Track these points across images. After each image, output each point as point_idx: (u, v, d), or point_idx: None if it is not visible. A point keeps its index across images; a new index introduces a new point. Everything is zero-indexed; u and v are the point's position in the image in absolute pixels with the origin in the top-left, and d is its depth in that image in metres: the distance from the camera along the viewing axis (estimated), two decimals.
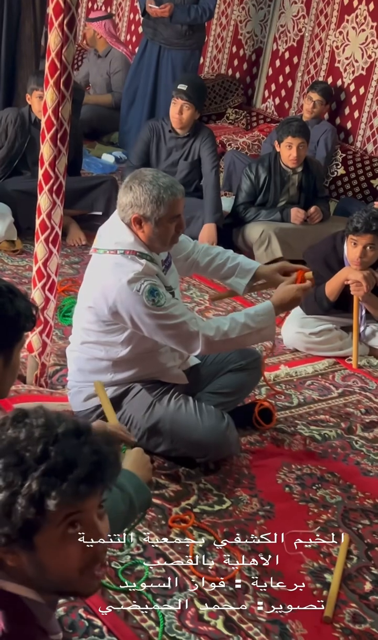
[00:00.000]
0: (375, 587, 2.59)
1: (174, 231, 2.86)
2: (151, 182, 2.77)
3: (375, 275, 3.92)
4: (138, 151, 5.39)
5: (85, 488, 1.32)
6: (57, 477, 1.30)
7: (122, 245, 2.81)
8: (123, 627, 2.26)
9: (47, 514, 1.30)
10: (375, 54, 6.40)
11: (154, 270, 2.81)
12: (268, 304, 2.96)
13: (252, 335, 2.91)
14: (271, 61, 7.22)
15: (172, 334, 2.80)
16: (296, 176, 5.26)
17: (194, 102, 5.09)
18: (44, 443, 1.32)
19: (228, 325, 2.85)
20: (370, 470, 3.21)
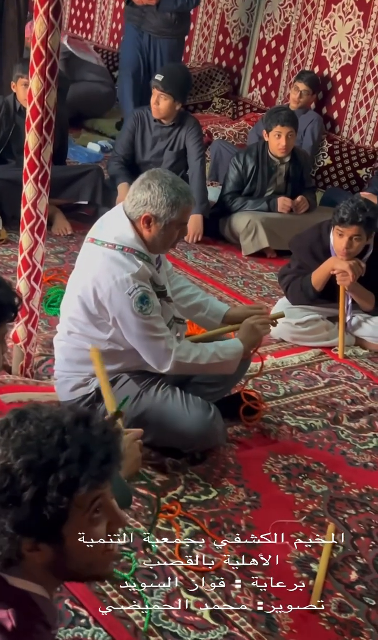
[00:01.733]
0: (360, 576, 2.60)
1: (176, 237, 2.87)
2: (171, 185, 2.78)
3: (361, 265, 3.92)
4: (124, 141, 5.36)
5: (107, 468, 1.36)
6: (81, 462, 1.33)
7: (121, 241, 2.79)
8: (109, 617, 2.26)
9: (78, 501, 1.34)
10: (361, 43, 6.39)
11: (149, 273, 2.81)
12: (237, 342, 3.02)
13: (218, 365, 2.96)
14: (257, 50, 7.20)
15: (148, 345, 2.82)
16: (284, 166, 5.25)
17: (172, 92, 5.05)
18: (58, 434, 1.34)
19: (200, 352, 2.90)
20: (355, 460, 3.22)
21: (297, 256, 4.17)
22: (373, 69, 6.34)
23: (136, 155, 5.35)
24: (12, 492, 1.31)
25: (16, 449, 1.33)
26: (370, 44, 6.33)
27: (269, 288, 4.75)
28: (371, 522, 2.86)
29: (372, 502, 2.97)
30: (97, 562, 1.40)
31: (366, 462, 3.21)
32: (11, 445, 1.33)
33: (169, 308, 2.97)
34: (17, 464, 1.31)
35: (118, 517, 1.42)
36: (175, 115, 5.20)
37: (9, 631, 1.29)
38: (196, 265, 4.91)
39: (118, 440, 1.42)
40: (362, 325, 4.15)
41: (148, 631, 2.24)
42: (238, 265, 5.03)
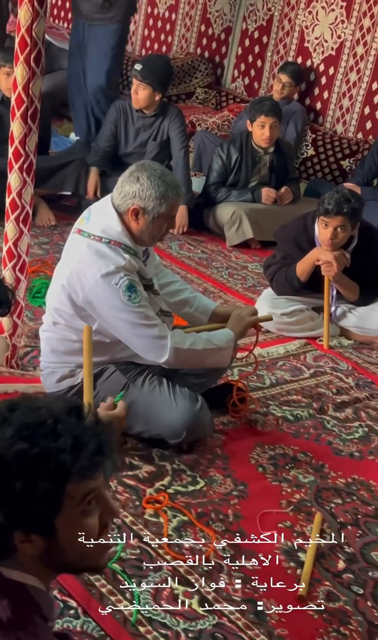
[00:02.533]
0: (348, 565, 2.61)
1: (164, 230, 2.85)
2: (160, 177, 2.76)
3: (345, 256, 3.93)
4: (106, 133, 5.33)
5: (99, 459, 1.36)
6: (73, 452, 1.32)
7: (108, 234, 2.78)
8: (98, 608, 2.25)
9: (70, 492, 1.33)
10: (344, 34, 6.39)
11: (135, 266, 2.80)
12: (228, 331, 2.99)
13: (214, 352, 2.92)
14: (240, 40, 7.18)
15: (142, 334, 2.78)
16: (268, 157, 5.25)
17: (151, 82, 5.02)
18: (50, 424, 1.33)
19: (194, 338, 2.87)
20: (341, 449, 3.23)
21: (282, 247, 4.17)
22: (356, 60, 6.34)
23: (118, 147, 5.33)
24: (3, 483, 1.30)
25: (8, 439, 1.32)
26: (353, 35, 6.33)
27: (254, 279, 4.75)
28: (358, 512, 2.87)
29: (358, 491, 2.98)
30: (91, 554, 1.39)
31: (352, 451, 3.23)
32: (2, 435, 1.32)
33: (157, 301, 2.96)
34: (9, 454, 1.30)
35: (111, 508, 1.41)
36: (157, 106, 5.18)
37: (5, 622, 1.28)
38: (181, 256, 4.90)
39: (110, 432, 1.41)
40: (347, 316, 4.16)
41: (137, 621, 2.23)
42: (222, 256, 5.03)
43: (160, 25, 7.77)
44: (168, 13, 7.69)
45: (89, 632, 2.17)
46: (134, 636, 2.18)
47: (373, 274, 4.13)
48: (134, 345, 2.82)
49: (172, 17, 7.66)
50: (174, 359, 2.82)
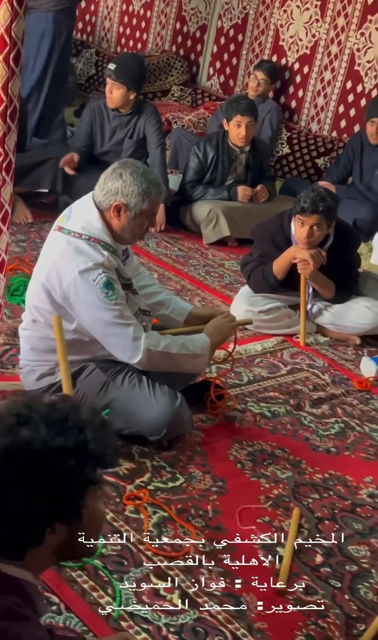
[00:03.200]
0: (325, 559, 2.65)
1: (145, 227, 2.87)
2: (143, 174, 2.79)
3: (321, 254, 3.97)
4: (82, 133, 5.33)
5: (116, 448, 1.51)
6: (97, 443, 1.45)
7: (88, 230, 2.79)
8: (80, 604, 2.28)
9: (95, 478, 1.46)
10: (318, 33, 6.44)
11: (114, 264, 2.81)
12: (204, 336, 3.00)
13: (189, 358, 2.94)
14: (215, 38, 7.20)
15: (116, 333, 2.79)
16: (244, 155, 5.29)
17: (125, 81, 5.03)
18: (73, 419, 1.45)
19: (169, 341, 2.88)
20: (318, 445, 3.27)
21: (259, 245, 4.21)
22: (330, 59, 6.39)
23: (94, 146, 5.33)
24: (50, 475, 1.39)
25: (45, 435, 1.40)
26: (328, 34, 6.38)
27: (230, 276, 4.78)
28: (334, 506, 2.91)
29: (335, 486, 3.03)
30: (96, 537, 1.51)
31: (328, 447, 3.27)
32: (37, 432, 1.40)
33: (135, 300, 2.98)
34: (50, 447, 1.39)
35: (107, 494, 1.54)
36: (132, 104, 5.19)
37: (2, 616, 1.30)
38: (158, 254, 4.92)
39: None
40: (323, 313, 4.21)
41: (119, 616, 2.26)
42: (199, 254, 5.06)
43: (135, 22, 7.77)
44: (143, 10, 7.69)
45: (71, 628, 2.19)
46: (116, 631, 2.21)
47: (349, 272, 4.19)
48: (108, 344, 2.84)
49: (147, 15, 7.67)
50: (147, 360, 2.83)
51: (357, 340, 4.19)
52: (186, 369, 3.02)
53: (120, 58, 5.34)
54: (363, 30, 6.16)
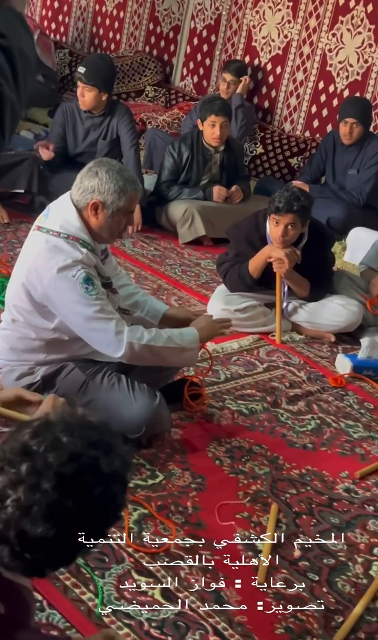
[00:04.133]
0: (304, 553, 2.70)
1: (123, 225, 2.89)
2: (119, 172, 2.81)
3: (296, 253, 4.02)
4: (55, 135, 5.35)
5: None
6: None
7: (66, 229, 2.81)
8: (63, 600, 2.30)
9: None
10: (291, 33, 6.50)
11: (93, 261, 2.83)
12: (193, 330, 3.01)
13: (175, 352, 2.92)
14: (189, 39, 7.24)
15: (98, 327, 2.79)
16: (218, 155, 5.33)
17: (96, 83, 5.06)
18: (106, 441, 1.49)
19: (154, 334, 2.87)
20: (295, 441, 3.32)
21: (234, 244, 4.25)
22: (302, 59, 6.45)
23: (68, 148, 5.34)
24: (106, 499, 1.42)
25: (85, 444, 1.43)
26: (299, 35, 6.44)
27: (206, 275, 4.82)
28: (312, 501, 2.96)
29: (312, 481, 3.08)
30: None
31: (305, 443, 3.32)
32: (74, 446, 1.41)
33: (115, 299, 3.00)
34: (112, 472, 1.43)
35: None
36: (105, 105, 5.21)
37: None
38: (134, 254, 4.95)
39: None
40: (298, 311, 4.26)
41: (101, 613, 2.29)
42: (175, 254, 5.09)
43: (108, 23, 7.79)
44: (116, 11, 7.71)
45: (54, 624, 2.22)
46: (98, 627, 2.24)
47: (323, 270, 4.24)
48: (91, 339, 2.85)
49: (120, 15, 7.69)
50: (131, 354, 2.83)
51: (332, 338, 4.24)
52: (173, 363, 3.03)
53: (89, 60, 5.36)
54: (334, 31, 6.23)
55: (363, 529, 2.87)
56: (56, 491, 1.35)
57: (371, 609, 2.52)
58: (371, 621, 2.47)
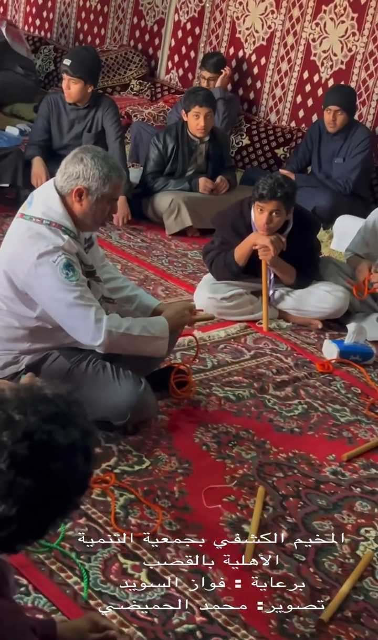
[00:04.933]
0: (290, 534, 2.70)
1: (107, 213, 2.88)
2: (104, 158, 2.81)
3: (281, 240, 4.02)
4: (39, 127, 5.34)
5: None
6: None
7: (49, 216, 2.81)
8: (48, 584, 2.30)
9: None
10: (274, 24, 6.50)
11: (75, 247, 2.83)
12: (162, 319, 3.01)
13: (149, 340, 2.93)
14: (173, 32, 7.23)
15: (77, 314, 2.78)
16: (204, 145, 5.33)
17: (82, 76, 5.05)
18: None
19: (130, 323, 2.87)
20: (282, 426, 3.32)
21: (220, 233, 4.26)
22: (286, 50, 6.45)
23: (53, 140, 5.34)
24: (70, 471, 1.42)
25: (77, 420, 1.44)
26: (283, 25, 6.44)
27: (193, 266, 4.83)
28: (299, 484, 2.97)
29: (298, 465, 3.08)
30: None
31: (292, 427, 3.32)
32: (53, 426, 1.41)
33: (98, 287, 3.00)
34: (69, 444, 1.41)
35: None
36: (89, 97, 5.20)
37: None
38: (121, 246, 4.95)
39: None
40: (285, 299, 4.26)
41: (87, 595, 2.29)
42: (162, 245, 5.10)
43: (93, 18, 7.78)
44: (100, 5, 7.70)
45: (40, 608, 2.22)
46: (84, 610, 2.24)
47: (309, 257, 4.25)
48: (71, 327, 2.83)
49: (104, 10, 7.68)
50: (109, 342, 2.82)
51: (319, 325, 4.25)
52: (147, 352, 3.03)
53: (74, 53, 5.36)
54: (318, 20, 6.23)
55: (350, 510, 2.88)
56: (12, 471, 1.34)
57: (358, 587, 2.53)
58: (358, 600, 2.49)
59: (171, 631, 2.23)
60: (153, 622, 2.25)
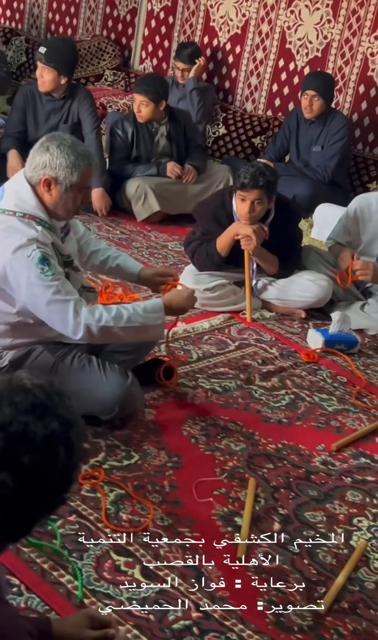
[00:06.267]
0: (283, 526, 2.68)
1: (79, 202, 2.82)
2: (70, 146, 2.73)
3: (264, 229, 3.99)
4: (14, 119, 5.26)
5: None
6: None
7: (21, 207, 2.74)
8: (41, 584, 2.26)
9: None
10: (248, 12, 6.45)
11: (49, 238, 2.76)
12: (158, 302, 2.91)
13: (139, 330, 2.83)
14: (146, 21, 7.16)
15: (56, 309, 2.70)
16: (163, 127, 5.33)
17: (56, 65, 4.98)
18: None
19: (115, 312, 2.76)
20: (270, 417, 3.30)
21: (201, 223, 4.21)
22: (261, 38, 6.41)
23: (28, 132, 5.26)
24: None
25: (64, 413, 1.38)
26: (257, 13, 6.39)
27: (174, 257, 4.78)
28: (289, 475, 2.94)
29: (288, 455, 3.06)
30: None
31: (280, 418, 3.30)
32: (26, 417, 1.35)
33: (77, 277, 2.94)
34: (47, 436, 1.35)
35: None
36: (65, 88, 5.13)
37: None
38: (100, 238, 4.87)
39: None
40: (268, 289, 4.23)
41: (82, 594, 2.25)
42: (142, 236, 5.04)
43: (64, 8, 7.68)
44: None
45: (33, 608, 2.18)
46: (78, 608, 2.20)
47: (292, 246, 4.22)
48: (50, 320, 2.75)
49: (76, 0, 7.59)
50: (89, 336, 2.74)
51: (303, 314, 4.23)
52: (138, 340, 2.97)
53: (51, 42, 5.30)
54: (292, 7, 6.19)
55: (342, 500, 2.86)
56: None
57: (353, 578, 2.51)
58: (354, 590, 2.47)
59: (168, 628, 2.20)
60: (149, 620, 2.21)
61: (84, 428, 1.43)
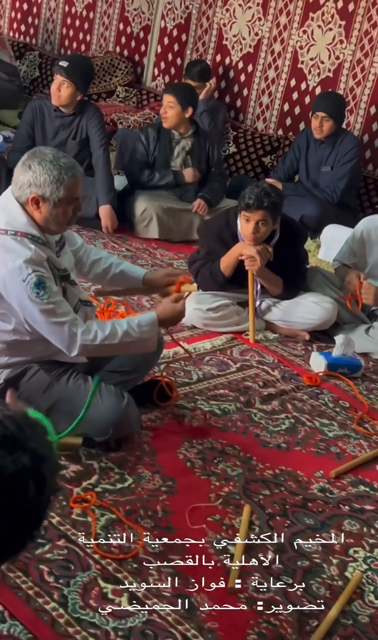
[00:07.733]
0: (276, 555, 2.62)
1: (71, 213, 2.78)
2: (52, 161, 2.68)
3: (268, 250, 3.95)
4: (22, 133, 5.25)
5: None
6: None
7: (13, 225, 2.71)
8: (25, 610, 2.21)
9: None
10: (261, 31, 6.44)
11: (43, 256, 2.72)
12: (152, 316, 2.89)
13: (133, 344, 2.83)
14: (159, 38, 7.17)
15: (53, 330, 2.71)
16: (186, 141, 5.31)
17: (75, 80, 4.98)
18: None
19: (109, 330, 2.76)
20: (269, 441, 3.24)
21: (206, 243, 4.18)
22: (273, 57, 6.40)
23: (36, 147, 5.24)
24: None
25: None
26: (270, 32, 6.38)
27: None
28: (286, 502, 2.88)
29: (285, 482, 3.00)
30: None
31: (279, 443, 3.24)
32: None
33: (74, 291, 2.91)
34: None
35: None
36: (76, 104, 5.13)
37: None
38: None
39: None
40: (272, 310, 4.19)
41: (65, 622, 2.20)
42: (147, 254, 5.01)
43: (78, 24, 7.71)
44: (86, 11, 7.63)
45: (16, 636, 2.13)
46: (62, 637, 2.15)
47: (296, 267, 4.17)
48: (50, 338, 2.75)
49: (90, 16, 7.61)
50: (87, 354, 2.77)
51: (306, 336, 4.18)
52: (133, 352, 2.95)
53: (72, 57, 5.30)
54: (305, 27, 6.18)
55: (338, 530, 2.80)
56: None
57: (347, 611, 2.45)
58: (346, 624, 2.40)
59: None
60: None
61: (58, 462, 1.38)
